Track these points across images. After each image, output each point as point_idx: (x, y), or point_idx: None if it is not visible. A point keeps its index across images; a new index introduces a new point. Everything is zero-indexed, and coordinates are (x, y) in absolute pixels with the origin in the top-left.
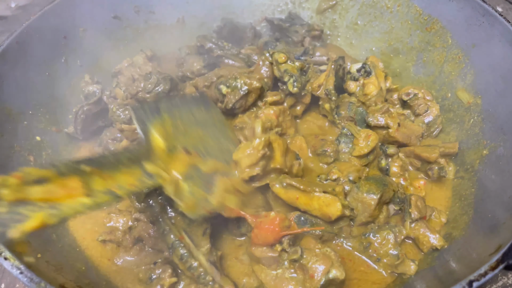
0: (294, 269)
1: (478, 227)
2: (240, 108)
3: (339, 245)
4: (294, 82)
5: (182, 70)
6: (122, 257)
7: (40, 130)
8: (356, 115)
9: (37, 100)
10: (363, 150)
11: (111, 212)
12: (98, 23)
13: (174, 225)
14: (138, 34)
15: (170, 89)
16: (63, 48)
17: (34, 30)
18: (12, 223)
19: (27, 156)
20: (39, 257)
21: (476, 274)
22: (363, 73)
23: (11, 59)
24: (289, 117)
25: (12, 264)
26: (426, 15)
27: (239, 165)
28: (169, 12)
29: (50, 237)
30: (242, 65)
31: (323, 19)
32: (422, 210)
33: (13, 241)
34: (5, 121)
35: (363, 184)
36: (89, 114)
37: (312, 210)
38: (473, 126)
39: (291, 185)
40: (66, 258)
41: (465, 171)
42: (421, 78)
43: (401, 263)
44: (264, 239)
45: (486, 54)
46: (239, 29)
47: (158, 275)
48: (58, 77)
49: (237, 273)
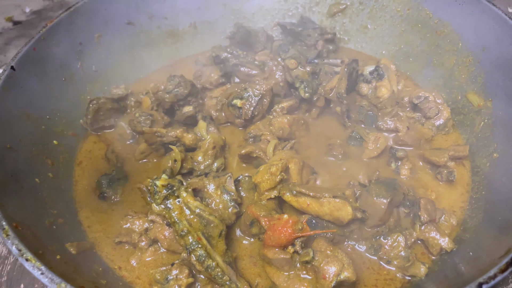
0: (306, 270)
1: (488, 230)
2: (259, 115)
3: (350, 247)
4: (305, 88)
5: (201, 82)
6: (138, 258)
7: (57, 134)
8: (365, 119)
9: (54, 105)
10: (372, 153)
11: (128, 214)
12: (113, 29)
13: (192, 227)
14: (151, 40)
15: (189, 93)
16: (79, 53)
17: (51, 37)
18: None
19: (45, 159)
20: (58, 258)
21: (486, 277)
22: (375, 75)
23: (29, 65)
24: (303, 125)
25: (33, 265)
26: (436, 18)
27: (259, 187)
28: (181, 17)
29: (68, 238)
30: (257, 71)
31: (333, 23)
32: (431, 213)
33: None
34: (24, 126)
35: (373, 188)
36: (103, 108)
37: (324, 215)
38: (483, 129)
39: (301, 192)
40: (84, 259)
41: (475, 174)
42: (431, 81)
43: (412, 265)
44: (277, 241)
45: (497, 57)
46: (251, 34)
47: (175, 276)
48: (74, 82)
49: (250, 274)
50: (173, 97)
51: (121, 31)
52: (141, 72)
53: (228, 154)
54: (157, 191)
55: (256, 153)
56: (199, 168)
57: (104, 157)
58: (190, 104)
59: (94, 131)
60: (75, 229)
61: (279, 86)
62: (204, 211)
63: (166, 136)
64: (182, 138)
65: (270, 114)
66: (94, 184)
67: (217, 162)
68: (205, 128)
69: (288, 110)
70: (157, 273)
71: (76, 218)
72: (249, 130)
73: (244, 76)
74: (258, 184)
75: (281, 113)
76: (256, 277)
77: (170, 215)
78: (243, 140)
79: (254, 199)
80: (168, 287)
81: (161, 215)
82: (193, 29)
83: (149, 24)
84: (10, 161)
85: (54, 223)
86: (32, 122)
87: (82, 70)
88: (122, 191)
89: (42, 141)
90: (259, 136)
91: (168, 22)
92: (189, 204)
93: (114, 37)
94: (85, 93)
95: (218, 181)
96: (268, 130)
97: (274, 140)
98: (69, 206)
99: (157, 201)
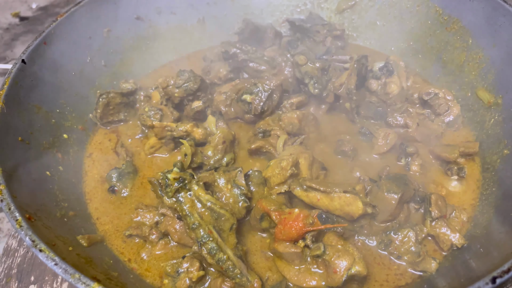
0: (316, 264)
1: (499, 226)
2: (269, 110)
3: (360, 242)
4: (314, 84)
5: (209, 78)
6: (149, 251)
7: (67, 128)
8: (375, 115)
9: (64, 99)
10: (382, 148)
11: (138, 208)
12: (121, 24)
13: (203, 220)
14: (159, 35)
15: (198, 88)
16: (88, 48)
17: (61, 31)
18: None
19: (55, 153)
20: (70, 250)
21: (499, 271)
22: (385, 72)
23: (39, 58)
24: (313, 121)
25: (47, 256)
26: (446, 15)
27: (269, 182)
28: (189, 13)
29: (79, 231)
30: (266, 67)
31: (342, 19)
32: (442, 208)
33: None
34: (35, 119)
35: (383, 183)
36: (112, 102)
37: (334, 210)
38: (493, 125)
39: (311, 187)
40: (95, 251)
41: (486, 170)
42: (441, 78)
43: (422, 261)
44: (288, 235)
45: (507, 54)
46: (260, 30)
47: (186, 269)
48: (84, 77)
49: (260, 268)
50: (183, 92)
51: (130, 26)
52: (150, 67)
53: (238, 149)
54: (169, 184)
55: (265, 148)
56: (209, 162)
57: (113, 151)
58: (199, 99)
59: (104, 125)
60: (85, 222)
61: (288, 82)
62: (215, 205)
63: (176, 130)
64: (192, 132)
65: (279, 110)
66: (104, 178)
67: (227, 157)
68: (214, 123)
69: (298, 106)
70: (168, 266)
71: (87, 211)
72: (258, 125)
73: (253, 71)
74: (268, 178)
75: (290, 109)
76: (266, 271)
77: (181, 208)
78: (253, 135)
79: (264, 194)
80: (178, 280)
81: (172, 208)
82: (201, 24)
83: (158, 19)
84: (21, 154)
85: (65, 215)
86: (43, 116)
87: (91, 64)
88: (132, 185)
89: (52, 135)
90: (268, 131)
91: (177, 18)
92: (201, 198)
93: (123, 32)
94: (95, 87)
95: (229, 175)
96: (277, 125)
97: (284, 135)
98: (80, 199)
99: (168, 194)
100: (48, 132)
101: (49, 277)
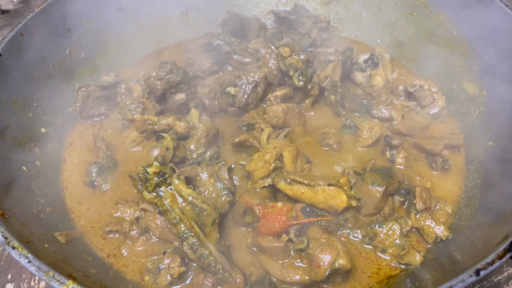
0: (300, 258)
1: (484, 218)
2: (253, 103)
3: (345, 235)
4: (299, 76)
5: (193, 70)
6: (129, 247)
7: (45, 122)
8: (360, 107)
9: (42, 92)
10: (367, 141)
11: (118, 203)
12: (102, 15)
13: (184, 215)
14: (142, 27)
15: (181, 81)
16: (68, 40)
17: (38, 22)
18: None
19: (32, 147)
20: (46, 247)
21: (484, 263)
22: (370, 64)
23: (16, 50)
24: (298, 114)
25: (20, 253)
26: (431, 6)
27: (252, 176)
28: (172, 4)
29: (57, 227)
30: (251, 59)
31: (327, 11)
32: (426, 201)
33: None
34: (11, 113)
35: (368, 176)
36: (92, 95)
37: (318, 203)
38: (478, 117)
39: (295, 180)
40: (73, 248)
41: (470, 162)
42: (426, 70)
43: (407, 254)
44: (271, 229)
45: (492, 46)
46: (244, 22)
47: (167, 265)
48: (63, 69)
49: (243, 263)
50: (165, 84)
51: (111, 17)
52: (132, 59)
53: (221, 142)
54: (149, 178)
55: (249, 141)
56: (191, 156)
57: (93, 145)
58: (182, 92)
59: (84, 119)
60: (63, 218)
61: (273, 74)
62: (197, 199)
63: (158, 124)
64: (174, 126)
65: (264, 103)
66: (83, 173)
67: (210, 151)
68: (198, 117)
69: (282, 99)
70: (149, 262)
71: (65, 206)
72: (242, 118)
73: (237, 64)
74: (252, 172)
75: (275, 102)
76: (250, 266)
77: (162, 203)
78: (237, 128)
79: (248, 188)
80: (159, 276)
81: (152, 203)
82: (184, 16)
83: (140, 10)
84: None
85: (42, 211)
86: (19, 109)
87: (70, 56)
88: (112, 180)
89: (30, 129)
90: (252, 125)
91: (159, 9)
92: (182, 192)
93: (104, 23)
94: (74, 80)
95: (211, 169)
96: (262, 118)
97: (268, 129)
98: (58, 195)
99: (148, 188)
100: (25, 126)
101: (26, 275)
